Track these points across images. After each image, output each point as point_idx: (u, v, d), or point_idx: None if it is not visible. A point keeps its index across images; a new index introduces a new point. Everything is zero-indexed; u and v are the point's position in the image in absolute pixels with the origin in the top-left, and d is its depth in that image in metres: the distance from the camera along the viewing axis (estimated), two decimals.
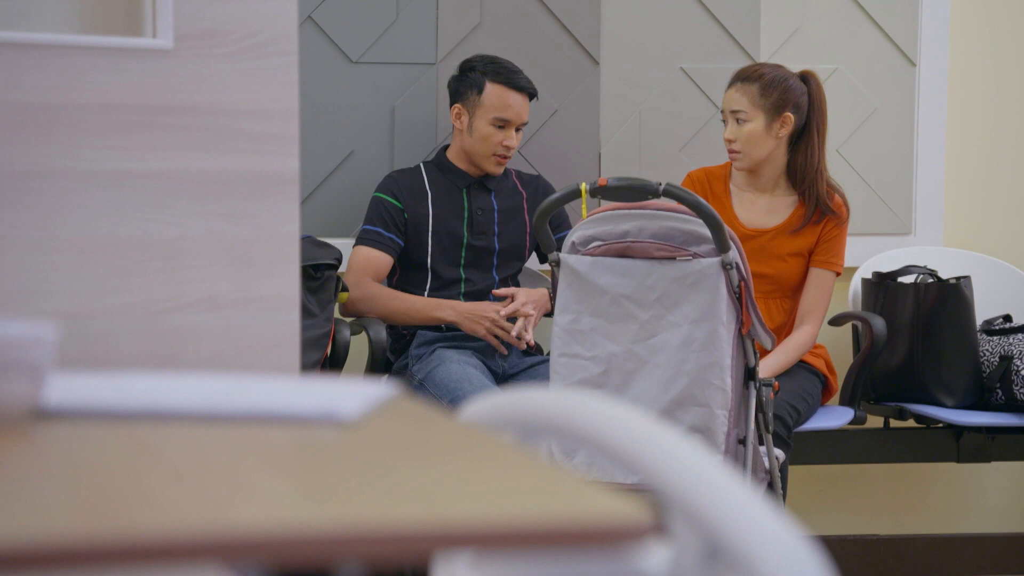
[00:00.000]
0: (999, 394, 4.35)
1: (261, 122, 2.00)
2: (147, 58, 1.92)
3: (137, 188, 1.92)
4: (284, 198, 2.02)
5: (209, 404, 1.37)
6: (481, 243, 4.30)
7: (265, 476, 1.04)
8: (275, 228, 2.02)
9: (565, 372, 3.37)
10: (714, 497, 0.95)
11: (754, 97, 4.20)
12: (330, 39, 4.47)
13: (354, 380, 1.58)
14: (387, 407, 1.32)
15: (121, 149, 1.92)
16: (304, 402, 1.35)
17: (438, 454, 1.14)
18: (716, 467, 0.98)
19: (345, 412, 1.27)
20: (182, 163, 1.95)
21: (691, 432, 3.28)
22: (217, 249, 1.98)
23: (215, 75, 1.96)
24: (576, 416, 1.06)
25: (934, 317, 4.34)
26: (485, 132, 4.23)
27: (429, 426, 1.23)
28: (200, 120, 1.96)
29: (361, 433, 1.19)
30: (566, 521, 0.86)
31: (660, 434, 0.99)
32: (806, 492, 4.79)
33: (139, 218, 1.93)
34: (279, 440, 1.18)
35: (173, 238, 1.95)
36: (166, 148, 1.94)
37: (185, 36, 1.95)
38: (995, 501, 4.94)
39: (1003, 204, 4.91)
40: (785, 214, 4.31)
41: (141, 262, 1.93)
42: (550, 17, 4.59)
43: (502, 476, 1.03)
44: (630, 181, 3.27)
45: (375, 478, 1.05)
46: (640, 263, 3.31)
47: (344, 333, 4.03)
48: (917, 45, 4.77)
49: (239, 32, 1.98)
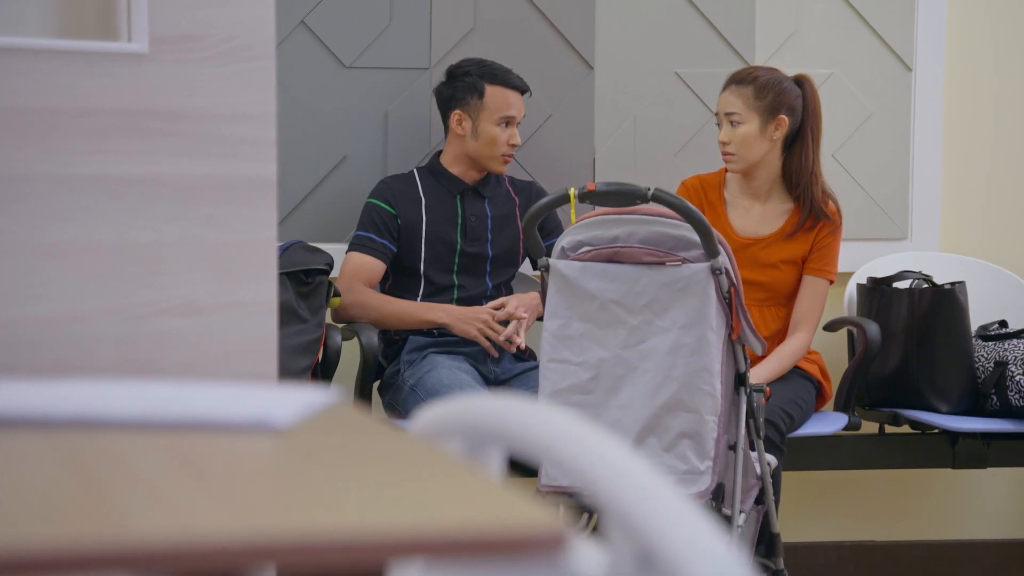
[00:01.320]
0: (994, 400, 4.34)
1: (238, 126, 1.99)
2: (122, 62, 1.91)
3: (113, 193, 1.91)
4: (262, 203, 2.01)
5: (140, 412, 1.36)
6: (474, 249, 4.30)
7: (179, 484, 1.04)
8: (253, 233, 2.01)
9: (554, 378, 3.36)
10: (647, 505, 0.95)
11: (748, 99, 4.19)
12: (323, 44, 4.47)
13: (297, 387, 1.57)
14: (324, 415, 1.32)
15: (97, 154, 1.91)
16: (237, 410, 1.34)
17: (366, 463, 1.14)
18: (652, 476, 0.97)
19: (278, 420, 1.26)
20: (159, 168, 1.94)
21: (680, 438, 3.27)
22: (195, 254, 1.97)
23: (191, 79, 1.95)
24: (517, 423, 1.06)
25: (928, 322, 4.33)
26: (492, 133, 4.24)
27: (364, 434, 1.22)
28: (177, 125, 1.95)
29: (291, 441, 1.19)
30: (479, 529, 0.86)
31: (598, 442, 0.98)
32: (801, 498, 4.77)
33: (115, 223, 1.92)
34: (204, 448, 1.17)
35: (150, 243, 1.94)
36: (142, 153, 1.93)
37: (161, 40, 1.94)
38: (992, 507, 4.92)
39: (1000, 209, 4.89)
40: (779, 222, 4.30)
41: (118, 267, 1.92)
42: (544, 22, 4.58)
43: (426, 485, 1.03)
44: (618, 186, 3.26)
45: (293, 487, 1.04)
46: (629, 268, 3.30)
47: (335, 338, 4.03)
48: (913, 49, 4.76)
49: (216, 36, 1.97)
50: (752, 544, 3.65)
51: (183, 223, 1.96)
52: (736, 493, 3.36)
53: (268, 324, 2.02)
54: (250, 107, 2.00)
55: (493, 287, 4.33)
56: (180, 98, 1.96)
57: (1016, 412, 4.31)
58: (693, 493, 3.26)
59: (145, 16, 1.92)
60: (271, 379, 2.03)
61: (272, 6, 2.00)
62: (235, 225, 2.00)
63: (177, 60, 1.95)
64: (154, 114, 1.94)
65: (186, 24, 1.96)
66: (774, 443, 3.95)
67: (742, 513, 3.46)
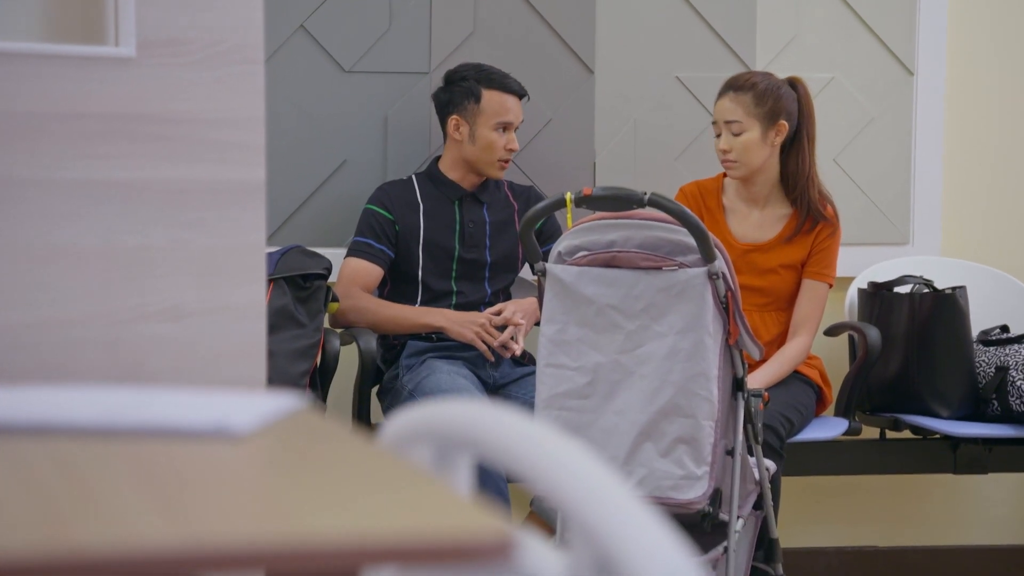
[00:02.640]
0: (995, 405, 4.33)
1: (226, 131, 1.98)
2: (109, 66, 1.91)
3: (99, 197, 1.90)
4: (250, 207, 2.01)
5: (95, 419, 1.36)
6: (472, 256, 4.29)
7: (127, 492, 1.03)
8: (241, 237, 2.00)
9: (551, 383, 3.36)
10: (605, 511, 0.94)
11: (748, 107, 4.18)
12: (323, 48, 4.46)
13: (262, 393, 1.56)
14: (286, 421, 1.31)
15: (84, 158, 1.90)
16: (197, 416, 1.33)
17: (321, 470, 1.13)
18: (613, 483, 0.97)
19: (237, 426, 1.26)
20: (145, 172, 1.93)
21: (677, 443, 3.26)
22: (182, 258, 1.96)
23: (179, 84, 1.95)
24: (483, 430, 1.05)
25: (929, 327, 4.32)
26: (490, 139, 4.23)
27: (322, 441, 1.22)
28: (164, 129, 1.95)
29: (249, 448, 1.18)
30: (425, 536, 0.85)
31: (561, 448, 0.98)
32: (803, 503, 4.76)
33: (101, 227, 1.91)
34: (158, 455, 1.17)
35: (137, 247, 1.93)
36: (129, 157, 1.92)
37: (148, 44, 1.93)
38: (994, 512, 4.91)
39: (1001, 214, 4.88)
40: (778, 227, 4.30)
41: (103, 271, 1.91)
42: (544, 26, 4.57)
43: (378, 492, 1.03)
44: (615, 191, 3.25)
45: (243, 494, 1.04)
46: (626, 273, 3.29)
47: (333, 343, 4.02)
48: (914, 54, 4.75)
49: (203, 40, 1.96)
50: (751, 549, 3.64)
51: (171, 227, 1.96)
52: (734, 498, 3.35)
53: (256, 328, 2.02)
54: (239, 111, 1.99)
55: (492, 293, 4.32)
56: (168, 102, 1.95)
57: (1017, 417, 4.29)
58: (690, 498, 3.26)
59: (132, 20, 1.91)
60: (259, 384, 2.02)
61: (261, 9, 1.99)
62: (223, 229, 1.99)
63: (165, 64, 1.94)
64: (142, 118, 1.93)
65: (174, 28, 1.95)
66: (774, 448, 3.94)
67: (740, 518, 3.45)
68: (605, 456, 3.30)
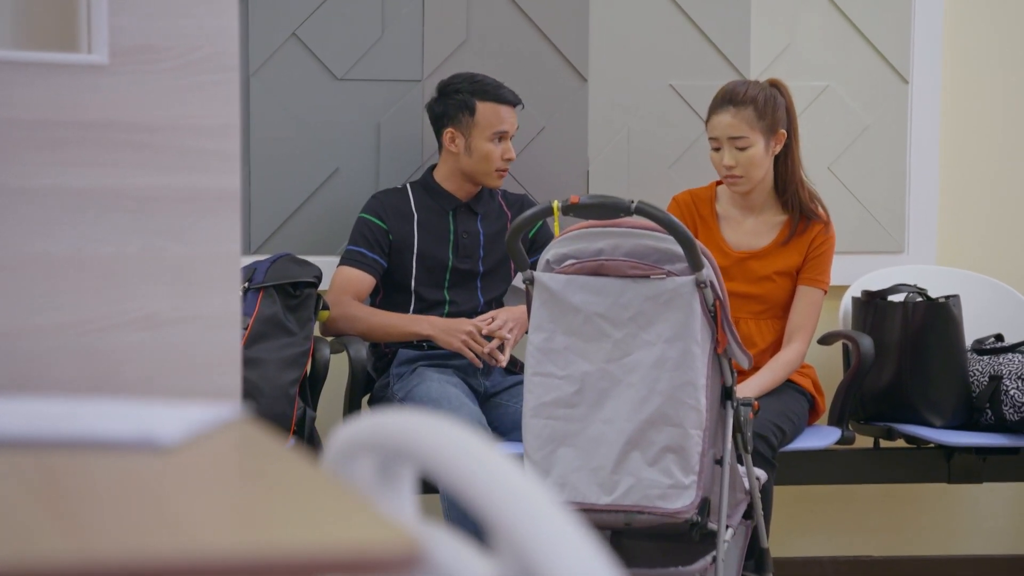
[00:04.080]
0: (988, 414, 4.31)
1: (201, 139, 1.97)
2: (81, 74, 1.90)
3: (71, 205, 1.90)
4: (225, 215, 2.00)
5: (17, 429, 1.34)
6: (466, 266, 4.29)
7: (28, 506, 1.02)
8: (215, 246, 1.99)
9: (538, 391, 3.35)
10: (531, 524, 0.94)
11: (752, 121, 4.17)
12: (315, 56, 4.46)
13: (199, 404, 1.54)
14: (218, 433, 1.30)
15: (54, 165, 1.89)
16: (123, 427, 1.32)
17: (238, 483, 1.12)
18: (541, 496, 0.96)
19: (163, 437, 1.24)
20: (118, 180, 1.92)
21: (664, 452, 3.25)
22: (155, 267, 1.95)
23: (153, 91, 1.94)
24: (420, 442, 1.04)
25: (922, 336, 4.30)
26: (486, 150, 4.22)
27: (249, 454, 1.21)
28: (138, 137, 1.94)
29: (172, 459, 1.17)
30: (328, 550, 0.85)
31: (488, 460, 0.97)
32: (797, 513, 4.75)
33: (73, 236, 1.90)
34: (73, 467, 1.16)
35: (108, 256, 1.92)
36: (101, 165, 1.91)
37: (121, 52, 1.92)
38: (990, 522, 4.89)
39: (997, 222, 4.87)
40: (772, 234, 4.29)
41: (75, 280, 1.90)
42: (537, 33, 4.56)
43: (289, 505, 1.02)
44: (602, 199, 3.25)
45: (150, 507, 1.03)
46: (614, 281, 3.28)
47: (324, 351, 4.01)
48: (909, 62, 4.74)
49: (178, 48, 1.95)
50: (741, 559, 3.63)
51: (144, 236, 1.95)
52: (722, 508, 3.34)
53: (231, 337, 2.00)
54: (214, 119, 1.98)
55: (485, 302, 4.31)
56: (142, 110, 1.94)
57: (1011, 427, 4.28)
58: (677, 507, 3.24)
59: (105, 27, 1.90)
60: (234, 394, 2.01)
61: (236, 17, 1.98)
62: (198, 238, 1.98)
63: (138, 71, 1.93)
64: (115, 126, 1.93)
65: (148, 35, 1.94)
66: (765, 457, 3.92)
67: (729, 528, 3.44)
68: (593, 465, 3.29)
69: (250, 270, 4.01)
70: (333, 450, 1.17)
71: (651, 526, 3.30)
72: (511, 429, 4.05)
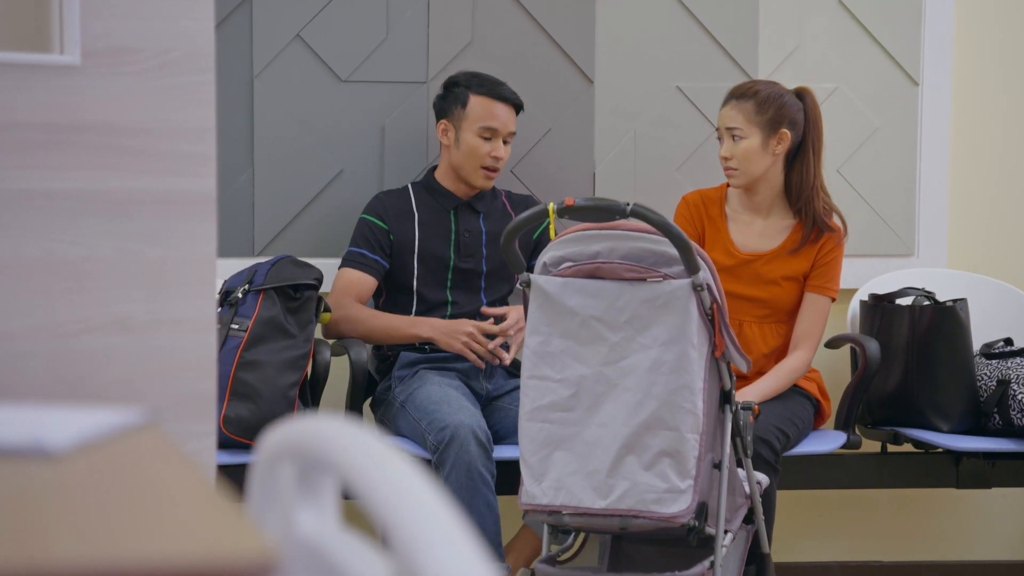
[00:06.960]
0: (996, 419, 4.28)
1: (175, 141, 1.96)
2: (53, 75, 1.89)
3: (42, 208, 1.89)
4: (200, 218, 1.98)
5: None
6: (468, 265, 4.26)
7: None
8: (190, 249, 1.98)
9: (534, 395, 3.33)
10: (421, 530, 0.93)
11: (750, 114, 4.15)
12: (319, 57, 4.45)
13: (103, 409, 1.53)
14: (114, 439, 1.29)
15: (25, 168, 1.88)
16: (12, 432, 1.30)
17: (115, 492, 1.11)
18: (435, 503, 0.95)
19: (53, 444, 1.23)
20: (90, 182, 1.91)
21: (660, 456, 3.22)
22: (128, 270, 1.94)
23: (126, 93, 1.93)
24: (333, 449, 1.03)
25: (929, 340, 4.27)
26: (472, 144, 4.19)
27: (139, 461, 1.20)
28: (111, 139, 1.93)
29: (58, 467, 1.16)
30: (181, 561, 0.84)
31: (391, 467, 0.96)
32: (806, 518, 4.72)
33: (44, 238, 1.89)
34: None
35: (80, 259, 1.91)
36: (73, 167, 1.90)
37: (94, 53, 1.91)
38: (1000, 528, 4.86)
39: (1007, 225, 4.83)
40: (781, 238, 4.26)
41: (46, 284, 1.89)
42: (543, 35, 4.54)
43: (155, 515, 1.01)
44: (597, 201, 3.23)
45: (20, 516, 1.01)
46: (610, 284, 3.26)
47: (324, 354, 4.00)
48: (920, 64, 4.70)
49: (151, 49, 1.94)
50: (741, 564, 3.60)
51: (118, 238, 1.94)
52: (720, 512, 3.31)
53: (207, 341, 1.99)
54: (189, 121, 1.97)
55: (488, 303, 4.29)
56: (115, 112, 1.93)
57: (1019, 431, 4.24)
58: (673, 512, 3.22)
59: (77, 28, 1.89)
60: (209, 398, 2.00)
61: (212, 19, 1.97)
62: (172, 241, 1.97)
63: (111, 73, 1.92)
64: (87, 128, 1.91)
65: (121, 36, 1.93)
66: (768, 462, 3.89)
67: (728, 533, 3.41)
68: (588, 469, 3.27)
69: (250, 272, 4.00)
70: (261, 455, 1.16)
71: (647, 530, 3.27)
72: (512, 432, 4.03)
